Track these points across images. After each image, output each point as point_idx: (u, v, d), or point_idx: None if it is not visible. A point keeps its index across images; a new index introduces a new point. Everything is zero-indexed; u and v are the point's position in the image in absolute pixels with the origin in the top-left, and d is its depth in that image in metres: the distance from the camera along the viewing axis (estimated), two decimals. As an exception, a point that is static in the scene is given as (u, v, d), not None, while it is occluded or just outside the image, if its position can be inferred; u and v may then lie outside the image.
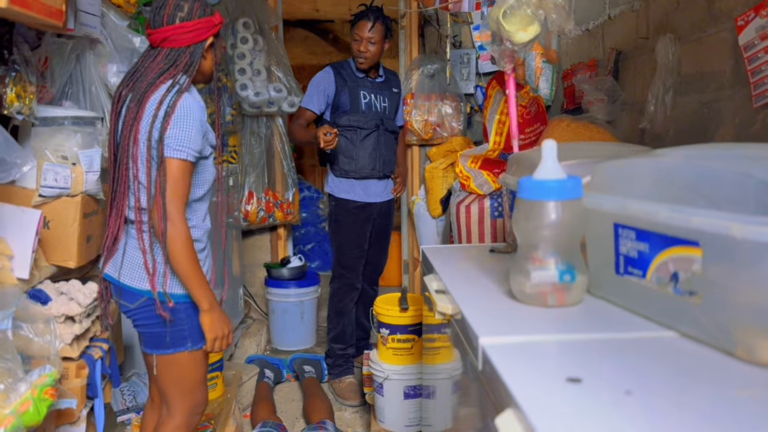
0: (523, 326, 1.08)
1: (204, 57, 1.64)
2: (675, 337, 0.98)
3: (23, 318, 1.40)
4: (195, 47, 1.60)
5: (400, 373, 2.10)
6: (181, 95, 1.54)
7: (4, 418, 1.23)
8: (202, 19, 1.58)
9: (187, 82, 1.59)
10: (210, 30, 1.60)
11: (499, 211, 2.31)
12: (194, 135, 1.52)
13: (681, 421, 0.70)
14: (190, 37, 1.58)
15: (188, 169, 1.53)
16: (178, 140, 1.49)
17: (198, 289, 1.54)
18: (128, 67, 2.01)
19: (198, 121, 1.54)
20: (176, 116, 1.50)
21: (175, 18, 1.56)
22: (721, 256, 0.88)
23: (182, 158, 1.50)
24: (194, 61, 1.60)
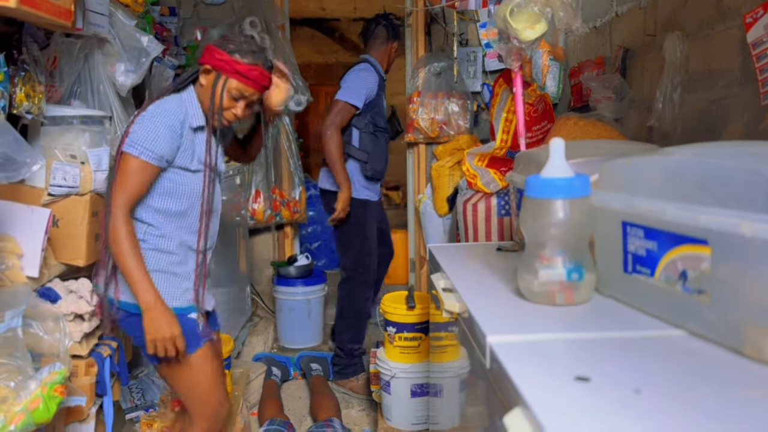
0: (531, 325, 1.08)
1: (201, 85, 1.62)
2: (684, 335, 0.98)
3: (33, 316, 1.41)
4: (213, 72, 1.60)
5: (407, 371, 2.11)
6: (160, 97, 1.58)
7: (15, 416, 1.24)
8: (235, 58, 1.57)
9: (184, 90, 1.64)
10: (232, 72, 1.57)
11: (506, 210, 2.31)
12: (157, 137, 1.51)
13: (690, 421, 0.70)
14: (214, 60, 1.59)
15: (142, 168, 1.51)
16: (139, 137, 1.50)
17: (135, 285, 1.48)
18: (136, 66, 2.02)
19: (166, 126, 1.53)
20: (145, 114, 1.54)
21: (225, 46, 1.59)
22: (730, 254, 0.87)
23: (136, 155, 1.50)
24: (195, 78, 1.65)
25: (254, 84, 1.60)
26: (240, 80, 1.58)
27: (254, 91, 1.61)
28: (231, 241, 3.14)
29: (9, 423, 1.23)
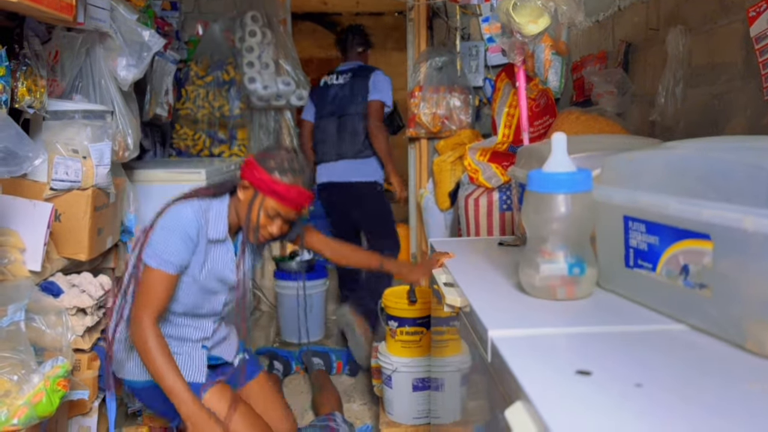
0: (533, 319, 1.08)
1: (239, 199, 1.60)
2: (685, 330, 0.98)
3: (36, 310, 1.41)
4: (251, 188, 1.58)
5: (408, 365, 2.11)
6: (176, 204, 1.56)
7: (18, 409, 1.25)
8: (274, 178, 1.54)
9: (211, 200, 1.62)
10: (269, 192, 1.54)
11: (508, 204, 2.31)
12: (176, 248, 1.51)
13: (691, 414, 0.70)
14: (253, 177, 1.56)
15: (163, 278, 1.51)
16: (158, 249, 1.50)
17: (171, 396, 1.46)
18: (137, 61, 2.01)
19: (183, 234, 1.51)
20: (163, 222, 1.53)
21: (265, 162, 1.56)
22: (732, 249, 0.87)
23: (156, 267, 1.51)
24: (231, 189, 1.64)
25: (292, 204, 1.56)
26: (277, 200, 1.55)
27: (291, 210, 1.58)
28: (233, 235, 3.14)
29: (12, 416, 1.23)
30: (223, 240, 1.63)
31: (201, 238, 1.57)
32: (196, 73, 3.37)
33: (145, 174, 2.48)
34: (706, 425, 0.67)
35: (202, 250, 1.59)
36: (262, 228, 1.59)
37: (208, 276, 1.63)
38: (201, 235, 1.57)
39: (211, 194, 1.62)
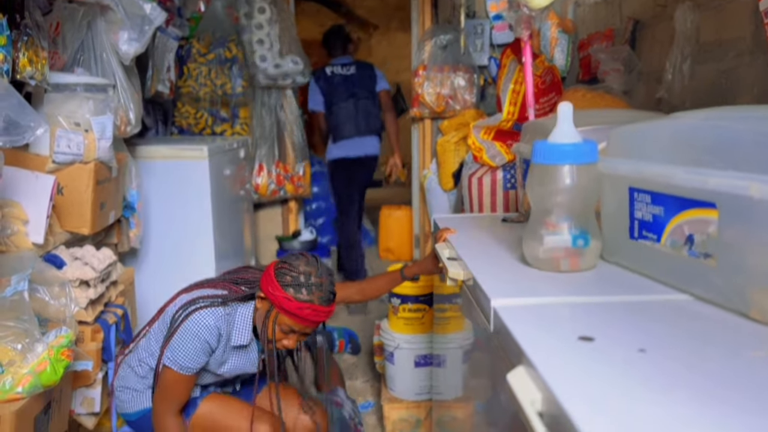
0: (536, 289, 1.08)
1: (257, 308, 1.60)
2: (689, 300, 0.97)
3: (39, 281, 1.42)
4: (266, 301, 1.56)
5: (410, 342, 2.12)
6: (200, 311, 1.53)
7: (22, 377, 1.26)
8: (287, 295, 1.50)
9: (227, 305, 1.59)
10: (282, 309, 1.52)
11: (512, 183, 2.30)
12: (195, 354, 1.52)
13: (694, 379, 0.70)
14: (268, 291, 1.53)
15: (181, 380, 1.54)
16: (176, 355, 1.51)
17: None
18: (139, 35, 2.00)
19: (202, 342, 1.52)
20: (185, 327, 1.51)
21: (281, 277, 1.53)
22: (738, 217, 0.87)
23: (175, 370, 1.52)
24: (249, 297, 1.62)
25: (305, 322, 1.53)
26: (290, 318, 1.52)
27: (305, 327, 1.55)
28: (236, 215, 3.14)
29: (17, 384, 1.24)
30: (247, 345, 1.63)
31: (222, 344, 1.58)
32: (198, 51, 3.35)
33: (148, 150, 2.47)
34: (710, 391, 0.67)
35: (226, 352, 1.61)
36: (278, 341, 1.57)
37: (229, 372, 1.66)
38: (222, 340, 1.57)
39: (238, 299, 1.60)
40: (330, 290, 1.54)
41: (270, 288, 1.51)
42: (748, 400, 0.65)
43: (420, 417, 2.13)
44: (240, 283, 1.65)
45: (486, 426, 1.22)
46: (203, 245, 2.57)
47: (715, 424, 0.60)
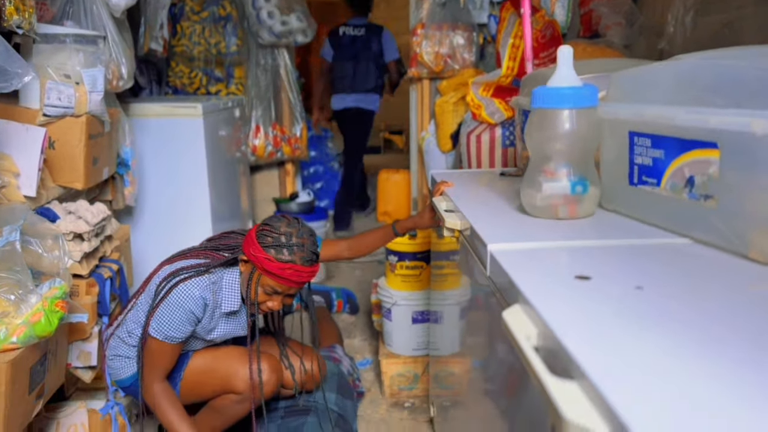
0: (533, 235, 1.07)
1: (241, 271, 1.59)
2: (688, 243, 0.96)
3: (32, 234, 1.40)
4: (248, 263, 1.55)
5: (408, 299, 2.12)
6: (184, 282, 1.51)
7: (17, 328, 1.25)
8: (268, 256, 1.49)
9: (214, 273, 1.58)
10: (263, 270, 1.51)
11: (511, 140, 2.27)
12: (179, 325, 1.52)
13: (691, 314, 0.69)
14: (249, 253, 1.52)
15: (166, 349, 1.54)
16: (162, 325, 1.51)
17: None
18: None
19: (187, 313, 1.51)
20: (170, 299, 1.50)
21: (262, 238, 1.51)
22: (739, 155, 0.85)
23: (161, 340, 1.52)
24: (233, 262, 1.60)
25: (288, 282, 1.52)
26: (272, 278, 1.51)
27: (289, 288, 1.54)
28: (232, 177, 3.12)
29: (11, 335, 1.24)
30: (237, 310, 1.62)
31: (210, 312, 1.57)
32: (191, 9, 3.28)
33: (141, 108, 2.44)
34: (707, 324, 0.66)
35: (214, 319, 1.60)
36: (262, 303, 1.57)
37: (219, 338, 1.66)
38: (210, 309, 1.57)
39: (222, 265, 1.59)
40: (312, 251, 1.53)
41: (251, 250, 1.51)
42: (745, 333, 0.64)
43: (417, 372, 2.14)
44: (222, 249, 1.64)
45: (483, 380, 1.22)
46: (199, 206, 2.55)
47: (712, 356, 0.59)
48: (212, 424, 1.67)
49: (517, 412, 0.93)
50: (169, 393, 1.56)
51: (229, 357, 1.64)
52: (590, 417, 0.52)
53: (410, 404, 2.14)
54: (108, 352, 1.66)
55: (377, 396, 2.20)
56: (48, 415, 1.61)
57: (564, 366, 0.62)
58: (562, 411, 0.53)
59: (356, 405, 2.04)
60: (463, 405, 1.48)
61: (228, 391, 1.62)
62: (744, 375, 0.55)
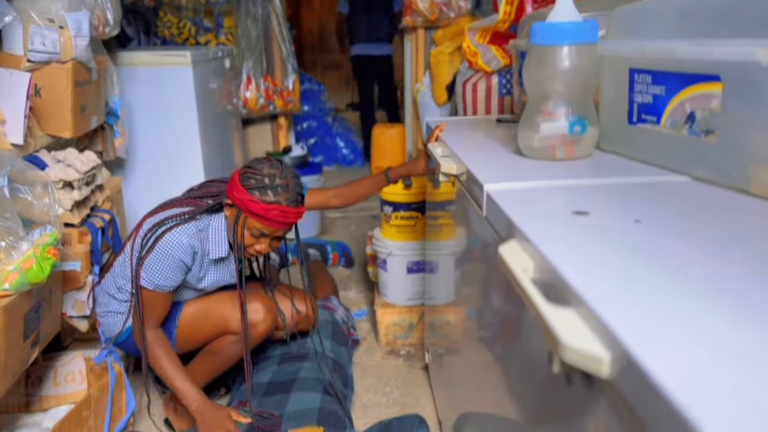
0: (529, 175, 1.05)
1: (226, 216, 1.57)
2: (687, 180, 0.95)
3: (20, 181, 1.37)
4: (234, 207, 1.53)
5: (403, 249, 2.11)
6: (171, 230, 1.50)
7: (9, 275, 1.24)
8: (253, 198, 1.47)
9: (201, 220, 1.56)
10: (249, 213, 1.48)
11: (508, 89, 2.23)
12: (169, 273, 1.51)
13: (691, 245, 0.68)
14: (233, 196, 1.50)
15: (159, 297, 1.53)
16: (151, 275, 1.50)
17: (179, 394, 1.54)
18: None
19: (176, 261, 1.50)
20: (158, 248, 1.49)
21: (245, 181, 1.49)
22: (743, 87, 0.83)
23: (152, 290, 1.51)
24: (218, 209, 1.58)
25: (274, 224, 1.49)
26: (258, 220, 1.49)
27: (276, 230, 1.52)
28: (224, 130, 3.08)
29: (3, 281, 1.23)
30: (225, 257, 1.61)
31: (198, 259, 1.56)
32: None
33: (129, 57, 2.38)
34: (707, 255, 0.65)
35: (203, 267, 1.59)
36: (249, 247, 1.55)
37: (210, 286, 1.66)
38: (197, 257, 1.55)
39: (206, 211, 1.56)
40: (297, 191, 1.51)
41: (235, 193, 1.49)
42: (744, 263, 0.63)
43: (413, 321, 2.15)
44: (205, 197, 1.62)
45: (477, 327, 1.23)
46: (191, 158, 2.52)
47: (711, 284, 0.59)
48: (210, 366, 1.69)
49: (511, 355, 0.93)
50: (162, 341, 1.56)
51: (222, 301, 1.64)
52: (588, 341, 0.52)
53: (405, 352, 2.16)
54: (98, 309, 1.65)
55: (373, 344, 2.22)
56: (45, 363, 1.62)
57: (561, 295, 0.61)
58: (560, 335, 0.53)
59: (351, 352, 2.06)
60: (457, 352, 1.49)
61: (223, 333, 1.63)
62: (742, 301, 0.54)
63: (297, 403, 1.56)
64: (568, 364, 0.53)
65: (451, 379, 1.55)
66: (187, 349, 1.68)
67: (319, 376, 1.69)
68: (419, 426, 1.58)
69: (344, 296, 2.63)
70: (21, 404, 1.56)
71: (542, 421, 0.77)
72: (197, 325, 1.63)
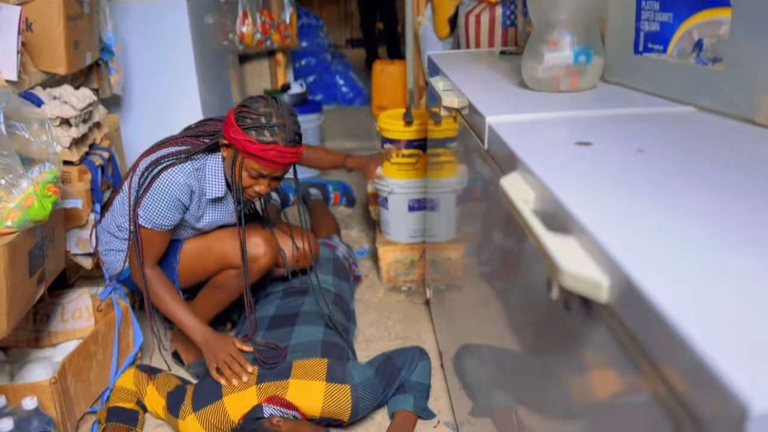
0: (533, 107, 1.04)
1: (223, 157, 1.55)
2: (693, 111, 0.94)
3: (17, 118, 1.36)
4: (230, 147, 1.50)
5: (404, 187, 2.11)
6: (167, 169, 1.48)
7: (10, 212, 1.24)
8: (249, 137, 1.43)
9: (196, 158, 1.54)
10: (245, 153, 1.45)
11: (512, 20, 2.17)
12: (167, 212, 1.51)
13: (694, 173, 0.68)
14: (230, 137, 1.46)
15: (157, 236, 1.54)
16: (149, 214, 1.50)
17: (182, 327, 1.57)
18: None
19: (173, 200, 1.50)
20: (155, 187, 1.48)
21: (241, 120, 1.45)
22: (753, 12, 0.80)
23: (150, 228, 1.52)
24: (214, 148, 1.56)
25: (272, 164, 1.46)
26: (255, 161, 1.46)
27: (274, 170, 1.48)
28: (221, 67, 3.01)
29: (5, 219, 1.23)
30: (222, 196, 1.60)
31: (196, 199, 1.55)
32: None
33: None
34: (710, 184, 0.65)
35: (201, 207, 1.59)
36: (248, 188, 1.53)
37: (208, 226, 1.66)
38: (196, 196, 1.54)
39: (203, 151, 1.54)
40: (294, 131, 1.49)
41: (231, 133, 1.46)
42: (748, 191, 0.63)
43: (414, 258, 2.17)
44: (202, 136, 1.60)
45: (478, 263, 1.24)
46: (188, 95, 2.48)
47: (715, 211, 0.58)
48: (214, 300, 1.71)
49: (510, 287, 0.94)
50: (162, 278, 1.58)
51: (223, 237, 1.65)
52: (587, 266, 0.52)
53: (407, 288, 2.19)
54: (100, 247, 1.66)
55: (375, 281, 2.25)
56: (52, 300, 1.65)
57: (562, 225, 0.61)
58: (559, 262, 0.53)
59: (353, 287, 2.09)
60: (458, 287, 1.51)
61: (225, 267, 1.64)
62: (745, 230, 0.54)
63: (301, 336, 1.60)
64: (567, 290, 0.54)
65: (451, 313, 1.58)
66: (190, 284, 1.70)
67: (321, 310, 1.72)
68: (420, 357, 1.62)
69: (346, 235, 2.64)
70: (30, 340, 1.60)
71: (540, 348, 0.78)
72: (199, 260, 1.65)
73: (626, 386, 0.50)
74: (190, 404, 1.45)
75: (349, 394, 1.43)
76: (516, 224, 0.78)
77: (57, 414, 1.36)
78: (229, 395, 1.44)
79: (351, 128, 4.29)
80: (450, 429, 1.51)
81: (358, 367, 1.51)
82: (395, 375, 1.54)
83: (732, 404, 0.34)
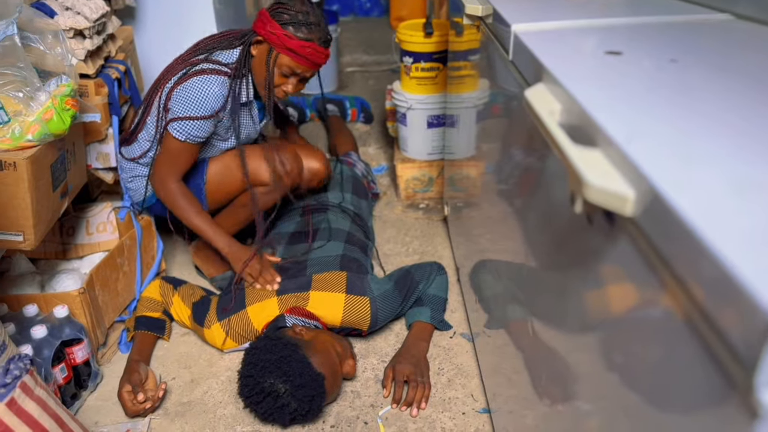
0: (561, 14, 0.99)
1: (252, 54, 1.53)
2: (730, 18, 0.89)
3: (30, 29, 1.33)
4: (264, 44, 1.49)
5: (423, 102, 2.06)
6: (203, 74, 1.48)
7: (30, 126, 1.24)
8: (287, 32, 1.44)
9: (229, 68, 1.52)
10: (282, 48, 1.46)
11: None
12: (201, 123, 1.50)
13: (728, 83, 0.65)
14: (266, 31, 1.47)
15: (188, 148, 1.54)
16: (183, 125, 1.49)
17: (205, 236, 1.59)
18: None
19: (209, 110, 1.49)
20: (189, 95, 1.48)
21: (278, 15, 1.46)
22: None
23: (182, 140, 1.51)
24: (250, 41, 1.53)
25: (306, 62, 1.48)
26: (291, 57, 1.47)
27: (307, 69, 1.50)
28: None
29: (26, 132, 1.23)
30: (249, 102, 1.59)
31: (228, 108, 1.54)
32: None
33: None
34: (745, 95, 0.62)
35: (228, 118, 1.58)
36: (277, 87, 1.53)
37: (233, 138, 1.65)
38: (227, 105, 1.54)
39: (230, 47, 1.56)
40: (327, 32, 1.51)
41: (269, 28, 1.46)
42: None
43: (432, 175, 2.16)
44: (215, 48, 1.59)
45: (497, 181, 1.22)
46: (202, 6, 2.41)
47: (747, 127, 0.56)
48: (237, 218, 1.74)
49: (530, 203, 0.94)
50: (185, 191, 1.60)
51: (250, 154, 1.65)
52: (613, 179, 0.51)
53: (425, 205, 2.20)
54: (124, 174, 1.67)
55: (393, 199, 2.25)
56: (77, 214, 1.68)
57: (588, 137, 0.59)
58: (584, 175, 0.52)
59: (371, 204, 2.10)
60: (476, 204, 1.50)
61: (254, 183, 1.65)
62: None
63: (320, 251, 1.62)
64: (590, 204, 0.53)
65: (469, 229, 1.59)
66: (217, 205, 1.71)
67: (340, 227, 1.74)
68: (438, 271, 1.64)
69: (364, 152, 2.63)
70: (58, 251, 1.65)
71: (559, 262, 0.78)
72: (226, 177, 1.65)
73: (647, 300, 0.50)
74: (215, 314, 1.50)
75: (369, 306, 1.47)
76: (539, 138, 0.77)
77: (87, 322, 1.42)
78: (253, 305, 1.48)
79: (368, 40, 4.16)
80: (466, 339, 1.55)
81: (376, 280, 1.54)
82: (413, 288, 1.57)
83: (757, 316, 0.34)
